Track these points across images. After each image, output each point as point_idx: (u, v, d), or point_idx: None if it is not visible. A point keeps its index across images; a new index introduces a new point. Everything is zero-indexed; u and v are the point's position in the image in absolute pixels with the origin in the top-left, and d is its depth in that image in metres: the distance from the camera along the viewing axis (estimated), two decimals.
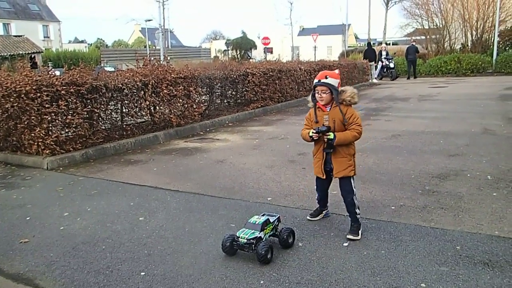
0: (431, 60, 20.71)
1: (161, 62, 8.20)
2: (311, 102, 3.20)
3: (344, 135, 3.06)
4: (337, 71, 3.24)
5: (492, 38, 20.85)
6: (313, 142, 3.22)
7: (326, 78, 3.07)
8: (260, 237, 2.85)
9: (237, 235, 2.87)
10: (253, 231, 2.87)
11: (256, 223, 2.91)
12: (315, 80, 3.11)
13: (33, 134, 5.64)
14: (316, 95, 3.13)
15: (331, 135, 3.05)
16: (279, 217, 3.11)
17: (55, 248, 3.15)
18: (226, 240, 2.89)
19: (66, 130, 5.99)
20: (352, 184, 3.17)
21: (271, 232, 2.99)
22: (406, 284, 2.49)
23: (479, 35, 22.21)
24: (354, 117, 3.09)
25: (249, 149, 6.29)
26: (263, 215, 3.05)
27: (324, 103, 3.11)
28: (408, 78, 19.48)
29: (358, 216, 3.19)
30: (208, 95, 9.12)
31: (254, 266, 2.76)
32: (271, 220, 3.00)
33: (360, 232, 3.16)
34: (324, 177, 3.25)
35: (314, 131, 3.09)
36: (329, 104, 3.13)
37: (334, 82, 3.08)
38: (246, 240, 2.81)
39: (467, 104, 10.25)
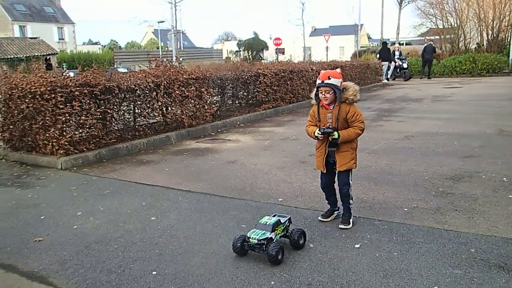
0: (446, 60, 20.41)
1: (173, 63, 8.25)
2: (314, 100, 3.29)
3: (347, 133, 3.18)
4: (338, 70, 3.29)
5: (509, 38, 20.47)
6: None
7: (329, 78, 3.13)
8: (271, 237, 2.84)
9: (248, 235, 2.86)
10: (264, 231, 2.86)
11: (267, 223, 2.91)
12: (318, 81, 3.19)
13: (47, 135, 5.73)
14: (320, 95, 3.21)
15: (336, 135, 3.16)
16: (290, 218, 3.10)
17: (68, 247, 3.20)
18: (236, 240, 2.89)
19: (80, 131, 6.07)
20: (350, 177, 3.32)
21: (282, 233, 2.98)
22: (419, 287, 2.45)
23: (495, 35, 21.81)
24: (356, 115, 3.19)
25: (260, 150, 6.29)
26: (274, 216, 3.05)
27: (328, 102, 3.21)
28: (421, 77, 19.25)
29: (351, 206, 3.34)
30: (219, 96, 9.15)
31: (265, 267, 2.76)
32: (282, 221, 3.00)
33: (351, 221, 3.32)
34: (325, 171, 3.33)
35: (320, 132, 3.19)
36: (332, 103, 3.21)
37: (337, 82, 3.15)
38: (257, 241, 2.80)
39: (482, 105, 10.08)
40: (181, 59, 9.20)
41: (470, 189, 4.07)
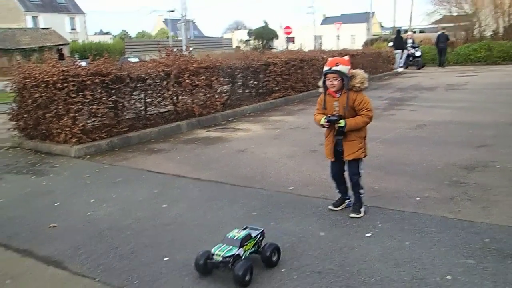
0: (460, 48, 19.96)
1: (183, 52, 8.23)
2: (322, 88, 3.23)
3: (355, 121, 3.12)
4: (347, 57, 3.20)
5: None
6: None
7: (337, 65, 3.07)
8: (239, 254, 2.48)
9: (212, 251, 2.51)
10: (230, 247, 2.49)
11: (235, 238, 2.53)
12: (326, 68, 3.12)
13: (60, 123, 5.80)
14: (327, 82, 3.15)
15: (342, 123, 3.10)
16: (263, 231, 2.73)
17: (82, 233, 3.25)
18: (200, 257, 2.53)
19: (92, 119, 6.13)
20: (360, 167, 3.28)
21: (253, 249, 2.61)
22: (431, 276, 2.44)
23: (511, 21, 21.26)
24: (364, 103, 3.12)
25: (270, 139, 6.28)
26: (245, 228, 2.68)
27: (336, 90, 3.15)
28: (440, 65, 18.96)
29: (361, 195, 3.31)
30: (229, 85, 9.13)
31: None
32: (253, 235, 2.62)
33: (362, 210, 3.29)
34: (333, 159, 3.31)
35: (325, 120, 3.14)
36: (339, 91, 3.15)
37: (345, 69, 3.09)
38: (221, 258, 2.45)
39: (496, 93, 9.88)
40: (191, 48, 9.16)
41: (484, 179, 4.01)
